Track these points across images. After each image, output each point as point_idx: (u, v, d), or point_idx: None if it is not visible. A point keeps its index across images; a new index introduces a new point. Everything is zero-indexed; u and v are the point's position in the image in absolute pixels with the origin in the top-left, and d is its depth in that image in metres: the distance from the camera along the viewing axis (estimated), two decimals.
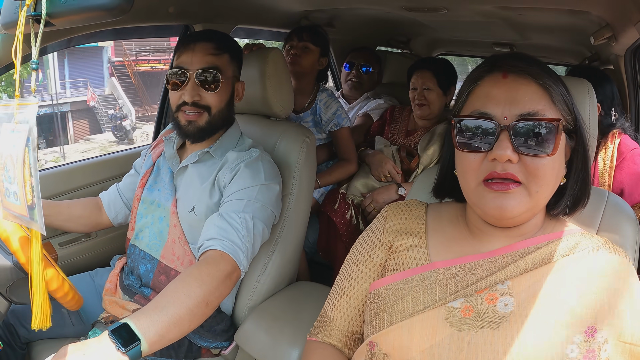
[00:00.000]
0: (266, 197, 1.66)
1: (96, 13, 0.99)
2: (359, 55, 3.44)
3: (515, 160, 0.96)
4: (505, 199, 0.97)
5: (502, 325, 0.96)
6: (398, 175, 2.61)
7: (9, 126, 1.03)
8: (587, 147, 1.07)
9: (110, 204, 1.98)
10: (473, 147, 1.01)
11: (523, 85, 1.00)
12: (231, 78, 1.76)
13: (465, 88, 1.08)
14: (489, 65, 1.05)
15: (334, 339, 1.24)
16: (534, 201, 0.99)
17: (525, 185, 0.97)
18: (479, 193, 1.01)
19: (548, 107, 0.99)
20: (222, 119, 1.75)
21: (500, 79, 1.02)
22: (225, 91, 1.73)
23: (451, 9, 2.53)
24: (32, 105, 0.99)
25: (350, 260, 1.25)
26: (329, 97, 2.76)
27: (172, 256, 1.73)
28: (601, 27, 2.32)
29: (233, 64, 1.77)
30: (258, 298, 1.81)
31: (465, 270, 1.05)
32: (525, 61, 1.02)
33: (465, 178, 1.04)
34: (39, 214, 1.01)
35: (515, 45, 3.76)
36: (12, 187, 1.04)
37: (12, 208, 1.07)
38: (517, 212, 0.98)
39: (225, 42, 1.77)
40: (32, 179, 0.98)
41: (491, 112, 0.99)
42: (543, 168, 0.97)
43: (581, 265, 0.99)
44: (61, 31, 1.82)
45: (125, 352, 1.11)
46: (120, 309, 1.74)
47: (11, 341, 1.76)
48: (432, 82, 2.69)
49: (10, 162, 1.02)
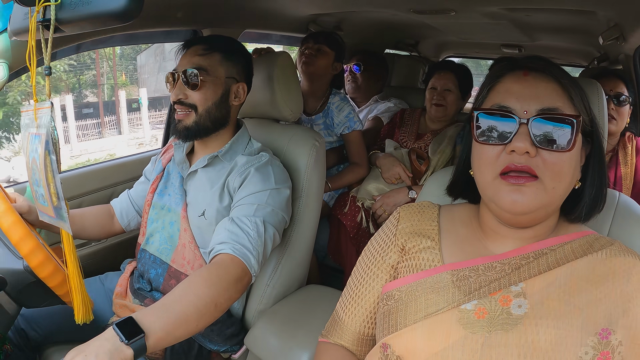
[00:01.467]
0: (277, 201, 1.67)
1: (105, 19, 1.00)
2: (353, 58, 3.48)
3: (533, 153, 0.96)
4: (520, 193, 0.97)
5: (516, 327, 0.95)
6: (408, 178, 2.60)
7: (33, 131, 1.05)
8: (603, 151, 1.07)
9: (123, 212, 1.99)
10: (492, 140, 1.01)
11: (544, 82, 1.01)
12: (222, 78, 1.74)
13: (486, 84, 1.09)
14: (511, 64, 1.07)
15: (346, 341, 1.24)
16: (549, 198, 0.98)
17: (542, 180, 0.97)
18: (495, 187, 1.00)
19: (567, 105, 1.00)
20: (213, 120, 1.74)
21: (521, 76, 1.03)
22: (212, 90, 1.72)
23: (459, 11, 2.53)
24: (45, 109, 1.00)
25: (362, 262, 1.25)
26: (342, 100, 2.76)
27: (182, 260, 1.73)
28: (609, 27, 2.30)
29: (227, 64, 1.75)
30: (268, 302, 1.81)
31: (479, 272, 1.04)
32: (546, 61, 1.04)
33: (482, 171, 1.04)
34: (65, 214, 1.03)
35: (523, 47, 3.75)
36: (39, 190, 1.07)
37: (43, 210, 1.09)
38: (532, 207, 0.98)
39: (219, 43, 1.77)
40: (54, 180, 1.00)
41: (511, 106, 1.00)
42: (561, 163, 0.97)
43: (594, 268, 0.99)
44: (70, 37, 1.83)
45: (129, 344, 1.10)
46: (130, 312, 1.73)
47: (22, 345, 1.76)
48: (454, 84, 2.72)
49: (35, 166, 1.05)
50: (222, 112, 1.76)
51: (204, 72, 1.69)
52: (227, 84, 1.75)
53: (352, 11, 2.78)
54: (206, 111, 1.72)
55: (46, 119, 1.00)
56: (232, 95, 1.77)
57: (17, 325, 1.76)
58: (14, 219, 1.33)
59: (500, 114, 1.00)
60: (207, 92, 1.71)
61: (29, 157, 1.09)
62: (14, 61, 1.64)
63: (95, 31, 1.89)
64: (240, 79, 1.79)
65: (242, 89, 1.80)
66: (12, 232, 1.32)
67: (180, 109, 1.71)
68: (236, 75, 1.78)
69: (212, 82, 1.71)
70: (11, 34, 1.25)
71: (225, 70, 1.74)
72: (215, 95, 1.72)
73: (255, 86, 1.89)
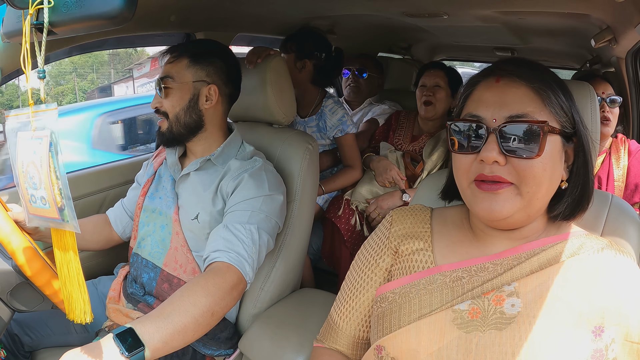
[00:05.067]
0: (270, 207, 1.66)
1: (98, 22, 0.99)
2: (355, 62, 3.47)
3: (502, 162, 0.97)
4: (494, 201, 0.98)
5: (509, 326, 0.96)
6: (402, 181, 2.61)
7: (27, 134, 1.05)
8: (588, 151, 1.07)
9: (117, 220, 1.98)
10: (464, 149, 1.03)
11: (513, 89, 1.01)
12: (189, 82, 1.72)
13: (463, 92, 1.11)
14: (486, 71, 1.08)
15: (341, 345, 1.24)
16: (525, 201, 0.99)
17: (517, 186, 0.98)
18: (471, 192, 1.03)
19: (538, 110, 0.99)
20: (184, 125, 1.73)
21: (493, 83, 1.04)
22: (179, 96, 1.71)
23: (451, 14, 2.54)
24: (51, 111, 1.00)
25: (356, 266, 1.25)
26: (335, 103, 2.76)
27: (174, 264, 1.72)
28: (602, 30, 2.32)
29: (195, 68, 1.73)
30: (262, 305, 1.80)
31: (472, 273, 1.05)
32: (519, 65, 1.04)
33: (459, 178, 1.06)
34: (71, 213, 1.03)
35: (516, 50, 3.76)
36: (38, 193, 1.06)
37: (41, 213, 1.08)
38: (506, 212, 0.99)
39: (186, 47, 1.77)
40: (59, 182, 1.00)
41: (481, 114, 1.01)
42: (531, 169, 0.97)
43: (587, 266, 0.99)
44: (63, 40, 1.83)
45: (129, 357, 1.11)
46: (124, 317, 1.73)
47: (15, 350, 1.76)
48: (444, 81, 2.76)
49: (33, 169, 1.04)
50: (192, 117, 1.74)
51: (169, 80, 1.71)
52: (196, 88, 1.73)
53: (345, 14, 2.79)
54: (176, 117, 1.72)
55: (51, 120, 1.00)
56: (203, 99, 1.74)
57: (10, 330, 1.75)
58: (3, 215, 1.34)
59: (471, 124, 1.02)
60: (174, 98, 1.71)
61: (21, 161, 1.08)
62: (5, 65, 1.64)
63: (88, 34, 1.89)
64: (210, 81, 1.75)
65: (213, 90, 1.75)
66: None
67: (158, 116, 1.74)
68: (205, 77, 1.74)
69: (178, 88, 1.71)
70: (4, 37, 1.24)
71: (192, 74, 1.73)
72: (182, 101, 1.72)
73: (247, 89, 1.88)
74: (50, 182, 1.01)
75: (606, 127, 2.48)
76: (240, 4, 2.23)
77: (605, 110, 2.46)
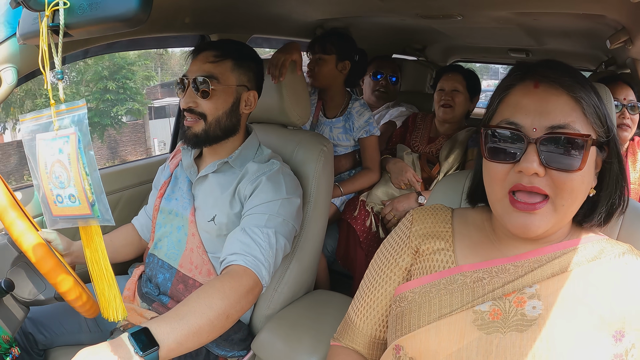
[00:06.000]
0: (287, 211, 1.66)
1: (113, 24, 1.00)
2: (386, 65, 3.45)
3: (542, 174, 0.95)
4: (529, 218, 0.96)
5: (530, 328, 0.94)
6: (418, 183, 2.60)
7: (48, 135, 1.06)
8: (622, 158, 1.05)
9: (143, 227, 1.99)
10: (500, 158, 0.99)
11: (554, 97, 0.97)
12: (233, 86, 1.71)
13: (496, 96, 1.06)
14: (521, 74, 1.03)
15: (358, 344, 1.23)
16: (559, 216, 0.97)
17: (552, 200, 0.96)
18: (505, 207, 1.00)
19: (579, 120, 0.96)
20: (223, 129, 1.71)
21: (531, 88, 1.00)
22: (223, 99, 1.69)
23: (466, 16, 2.52)
24: (80, 108, 1.02)
25: (375, 264, 1.24)
26: (362, 106, 2.76)
27: (190, 265, 1.73)
28: (617, 31, 2.29)
29: (239, 72, 1.72)
30: (276, 307, 1.80)
31: (492, 274, 1.04)
32: (557, 71, 1.00)
33: (492, 187, 1.03)
34: (104, 206, 1.04)
35: (531, 51, 3.73)
36: (66, 192, 1.07)
37: (68, 212, 1.09)
38: (542, 230, 0.97)
39: (230, 49, 1.73)
40: (88, 177, 1.01)
41: (520, 122, 0.97)
42: (571, 183, 0.95)
43: (608, 270, 0.98)
44: (79, 42, 1.84)
45: (143, 357, 1.11)
46: (138, 316, 1.74)
47: (29, 348, 1.77)
48: (462, 85, 2.76)
49: (60, 168, 1.05)
50: (232, 120, 1.73)
51: (214, 81, 1.66)
52: (238, 92, 1.72)
53: (360, 16, 2.78)
54: (216, 120, 1.69)
55: (80, 117, 1.01)
56: (243, 104, 1.74)
57: (24, 328, 1.76)
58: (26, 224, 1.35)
59: (508, 132, 0.98)
60: (218, 101, 1.68)
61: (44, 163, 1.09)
62: (22, 66, 1.65)
63: (103, 36, 1.90)
64: (251, 87, 1.76)
65: (252, 96, 1.77)
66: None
67: (190, 116, 1.69)
68: (247, 83, 1.75)
69: (222, 91, 1.68)
70: (20, 38, 1.26)
71: (236, 78, 1.71)
72: (225, 104, 1.70)
73: (263, 91, 1.88)
74: (80, 178, 1.02)
75: (624, 132, 2.43)
76: (254, 5, 2.23)
77: (625, 116, 2.41)
